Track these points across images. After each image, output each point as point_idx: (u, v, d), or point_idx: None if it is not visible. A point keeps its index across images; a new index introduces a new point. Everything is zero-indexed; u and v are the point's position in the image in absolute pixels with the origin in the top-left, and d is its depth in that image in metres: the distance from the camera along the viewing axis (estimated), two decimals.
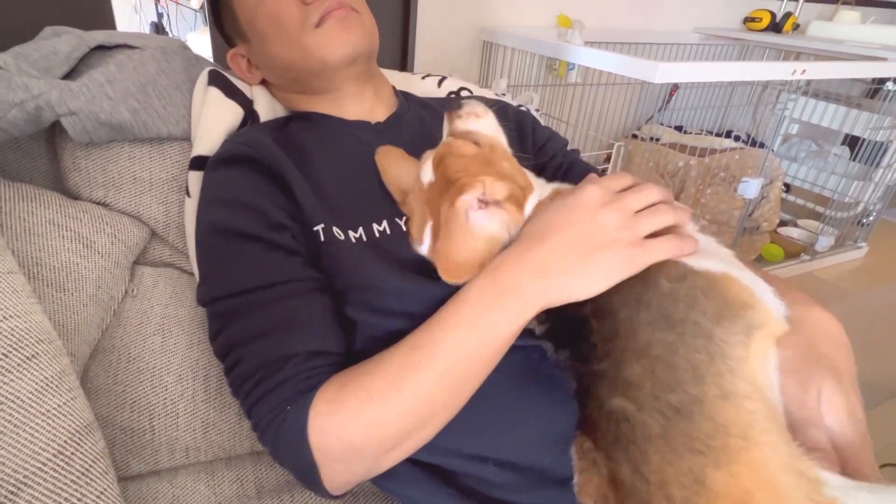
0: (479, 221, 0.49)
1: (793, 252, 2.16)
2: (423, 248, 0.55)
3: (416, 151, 0.66)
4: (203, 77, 0.71)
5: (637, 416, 0.40)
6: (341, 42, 0.62)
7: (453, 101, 0.58)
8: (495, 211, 0.50)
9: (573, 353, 0.47)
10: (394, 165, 0.62)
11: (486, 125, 0.57)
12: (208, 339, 0.55)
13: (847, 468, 0.39)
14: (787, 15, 2.19)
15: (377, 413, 0.45)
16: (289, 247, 0.55)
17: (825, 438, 0.40)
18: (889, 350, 1.78)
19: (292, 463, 0.48)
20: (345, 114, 0.68)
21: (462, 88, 0.92)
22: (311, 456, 0.46)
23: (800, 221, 2.38)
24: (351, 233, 0.57)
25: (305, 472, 0.47)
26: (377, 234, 0.58)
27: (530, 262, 0.46)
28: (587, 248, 0.45)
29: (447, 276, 0.50)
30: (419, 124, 0.70)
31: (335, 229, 0.57)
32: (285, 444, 0.47)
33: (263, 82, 0.74)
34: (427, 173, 0.55)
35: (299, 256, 0.55)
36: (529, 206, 0.52)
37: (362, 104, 0.69)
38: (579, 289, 0.45)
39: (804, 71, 1.51)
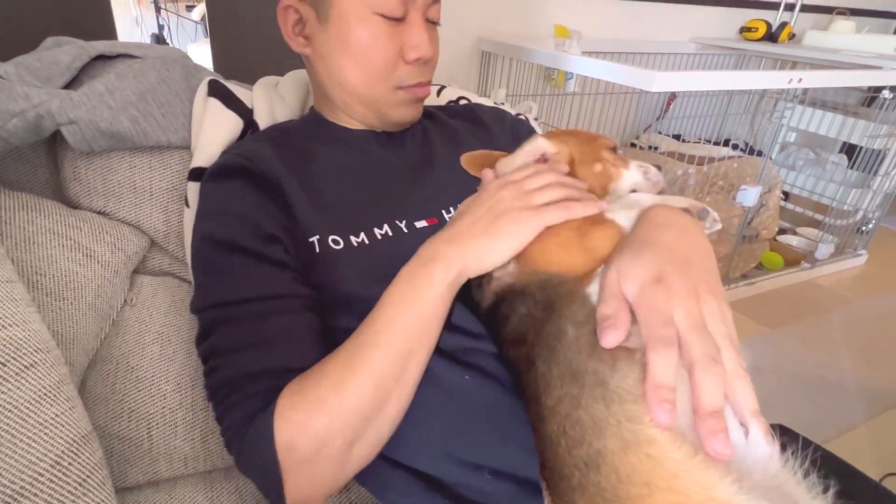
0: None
1: (793, 260, 2.16)
2: None
3: (418, 159, 0.67)
4: (203, 88, 0.71)
5: (560, 471, 0.41)
6: (406, 113, 0.67)
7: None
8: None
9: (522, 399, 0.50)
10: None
11: (638, 178, 0.63)
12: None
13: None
14: (783, 25, 2.21)
15: (338, 399, 0.46)
16: (280, 260, 0.56)
17: (610, 309, 0.42)
18: (891, 358, 1.77)
19: (258, 468, 0.48)
20: (351, 125, 0.68)
21: (461, 98, 0.93)
22: (276, 457, 0.45)
23: (799, 229, 2.38)
24: (353, 238, 0.57)
25: (269, 478, 0.46)
26: (379, 237, 0.58)
27: (446, 235, 0.53)
28: (489, 218, 0.53)
29: None
30: (422, 133, 0.70)
31: (333, 237, 0.57)
32: (250, 448, 0.47)
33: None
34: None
35: (289, 271, 0.56)
36: None
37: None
38: (490, 252, 0.52)
39: (801, 80, 1.52)
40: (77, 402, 0.49)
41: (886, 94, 1.95)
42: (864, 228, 2.31)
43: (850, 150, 2.35)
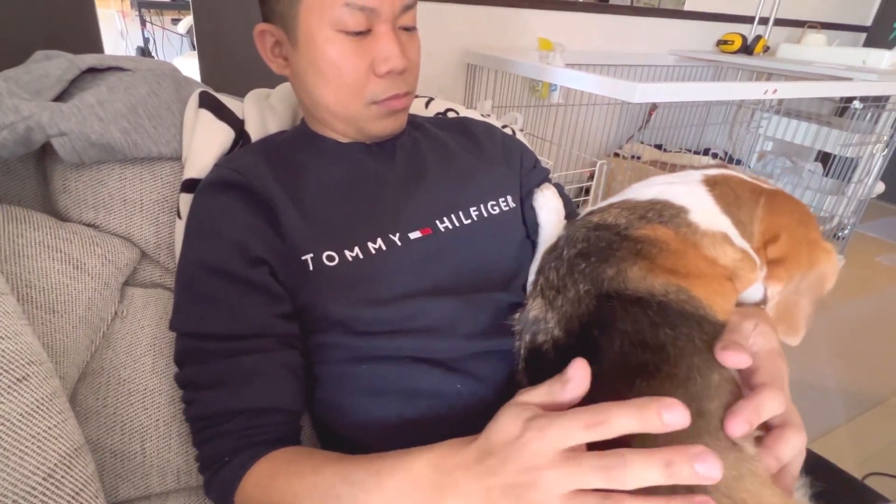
0: None
1: None
2: None
3: (410, 169, 0.67)
4: (194, 99, 0.72)
5: None
6: (385, 126, 0.65)
7: None
8: None
9: None
10: None
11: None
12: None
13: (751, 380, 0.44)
14: (758, 38, 2.28)
15: None
16: (264, 286, 0.56)
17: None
18: (869, 361, 1.82)
19: (218, 502, 0.53)
20: (339, 138, 0.69)
21: (449, 109, 0.94)
22: None
23: None
24: (347, 252, 0.58)
25: None
26: (373, 252, 0.59)
27: (481, 475, 0.39)
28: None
29: None
30: (412, 144, 0.71)
31: (328, 253, 0.57)
32: (216, 489, 0.52)
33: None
34: None
35: (272, 303, 0.56)
36: None
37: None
38: None
39: (776, 91, 1.56)
40: (69, 415, 0.48)
41: (857, 104, 2.02)
42: (840, 234, 2.37)
43: (824, 158, 2.42)
